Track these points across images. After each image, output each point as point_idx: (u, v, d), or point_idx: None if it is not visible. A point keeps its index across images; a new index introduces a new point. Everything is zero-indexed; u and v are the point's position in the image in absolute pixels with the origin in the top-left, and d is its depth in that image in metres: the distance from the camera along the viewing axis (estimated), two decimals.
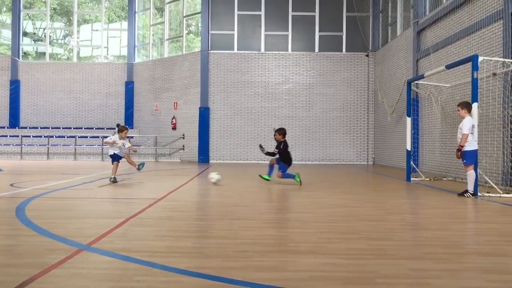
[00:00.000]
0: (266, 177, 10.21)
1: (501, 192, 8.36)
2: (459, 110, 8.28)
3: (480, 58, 8.53)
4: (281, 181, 10.18)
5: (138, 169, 10.62)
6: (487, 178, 8.91)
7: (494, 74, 10.00)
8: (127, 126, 11.31)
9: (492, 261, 3.76)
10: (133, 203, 7.30)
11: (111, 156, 10.46)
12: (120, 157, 10.54)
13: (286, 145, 9.98)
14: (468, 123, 8.03)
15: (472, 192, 8.08)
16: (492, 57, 10.02)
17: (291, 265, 3.55)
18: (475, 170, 8.13)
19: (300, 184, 9.75)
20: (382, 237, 4.65)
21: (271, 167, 10.31)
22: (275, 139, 10.15)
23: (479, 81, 8.65)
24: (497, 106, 9.97)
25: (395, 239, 4.59)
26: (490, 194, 8.20)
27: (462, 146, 7.98)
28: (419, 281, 3.19)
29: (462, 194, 8.19)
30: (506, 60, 9.34)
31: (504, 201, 7.57)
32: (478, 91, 8.47)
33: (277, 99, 20.86)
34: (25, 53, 25.04)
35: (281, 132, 10.08)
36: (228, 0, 20.99)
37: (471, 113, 8.19)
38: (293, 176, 9.83)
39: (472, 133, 8.02)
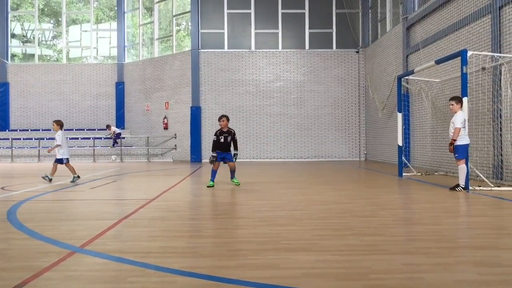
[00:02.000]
0: (211, 184, 9.32)
1: (492, 185, 8.43)
2: (452, 105, 8.30)
3: (469, 53, 8.59)
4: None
5: (72, 180, 10.45)
6: (478, 172, 8.98)
7: (483, 69, 10.07)
8: (58, 120, 10.91)
9: (484, 254, 3.80)
10: (126, 204, 7.27)
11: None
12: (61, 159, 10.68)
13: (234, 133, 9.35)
14: (461, 117, 8.09)
15: (463, 186, 8.14)
16: (481, 51, 10.10)
17: (285, 262, 3.56)
18: (466, 164, 8.19)
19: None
20: (374, 233, 4.67)
21: (214, 172, 9.44)
22: (222, 125, 9.26)
23: (468, 75, 8.71)
24: (487, 100, 10.04)
25: (387, 234, 4.62)
26: (481, 188, 8.27)
27: (455, 140, 8.03)
28: (412, 276, 3.21)
29: (454, 188, 8.26)
30: (495, 54, 9.42)
31: (495, 195, 7.64)
32: (468, 85, 8.52)
33: (268, 97, 20.86)
34: (13, 54, 24.82)
35: (227, 118, 9.38)
36: None
37: (462, 108, 8.26)
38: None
39: (464, 127, 8.09)
